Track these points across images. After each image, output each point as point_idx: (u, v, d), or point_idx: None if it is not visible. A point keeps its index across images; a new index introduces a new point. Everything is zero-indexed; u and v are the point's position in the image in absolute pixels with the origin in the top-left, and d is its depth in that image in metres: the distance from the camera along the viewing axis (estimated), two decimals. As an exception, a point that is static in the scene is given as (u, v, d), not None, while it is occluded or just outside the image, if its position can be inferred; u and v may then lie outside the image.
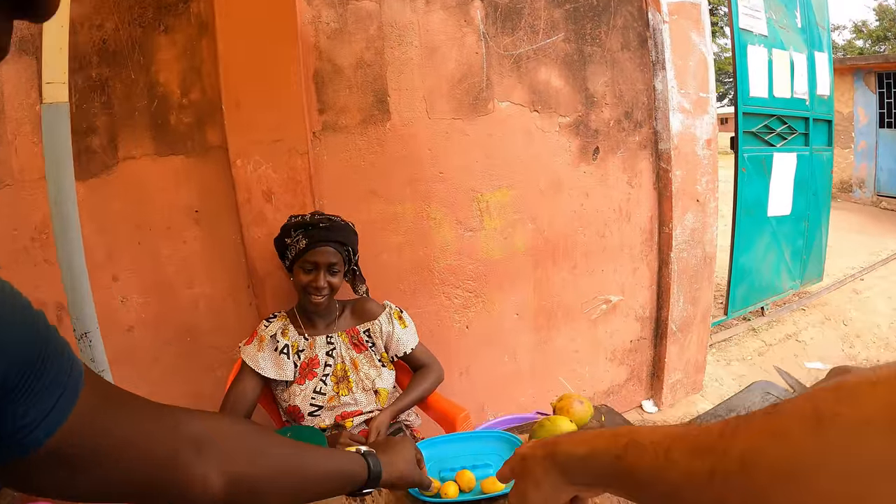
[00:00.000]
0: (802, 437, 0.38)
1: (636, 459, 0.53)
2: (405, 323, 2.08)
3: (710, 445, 0.45)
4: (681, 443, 0.49)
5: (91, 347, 1.36)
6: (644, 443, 0.53)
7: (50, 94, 1.24)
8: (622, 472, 0.56)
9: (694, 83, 3.07)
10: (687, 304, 3.28)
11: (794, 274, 4.87)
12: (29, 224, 2.16)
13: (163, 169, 2.23)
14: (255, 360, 1.86)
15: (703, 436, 0.47)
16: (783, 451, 0.39)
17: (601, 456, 0.60)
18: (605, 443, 0.60)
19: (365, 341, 2.02)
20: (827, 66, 5.02)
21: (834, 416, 0.37)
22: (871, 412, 0.35)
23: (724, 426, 0.45)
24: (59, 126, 1.25)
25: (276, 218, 2.22)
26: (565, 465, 0.66)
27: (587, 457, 0.62)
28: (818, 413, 0.38)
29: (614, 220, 2.99)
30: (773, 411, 0.42)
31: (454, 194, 2.57)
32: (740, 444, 0.42)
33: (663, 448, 0.50)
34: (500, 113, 2.60)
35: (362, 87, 2.36)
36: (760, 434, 0.41)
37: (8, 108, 2.08)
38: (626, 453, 0.55)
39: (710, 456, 0.44)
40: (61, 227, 1.29)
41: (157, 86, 2.17)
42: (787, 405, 0.41)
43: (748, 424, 0.43)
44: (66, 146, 1.27)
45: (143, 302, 2.32)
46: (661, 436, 0.52)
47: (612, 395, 3.28)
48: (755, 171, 4.17)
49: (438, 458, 1.46)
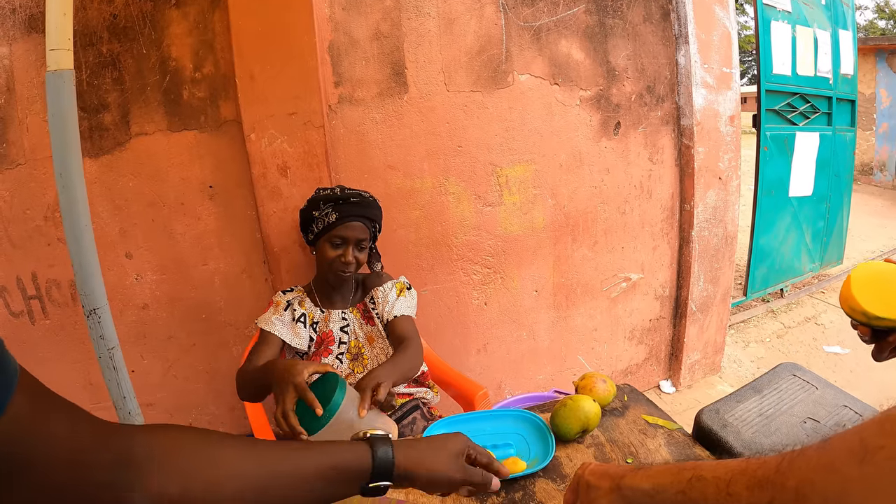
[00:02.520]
0: (850, 470, 0.41)
1: (700, 495, 0.57)
2: (406, 294, 1.99)
3: (768, 479, 0.49)
4: (741, 477, 0.52)
5: (100, 324, 1.34)
6: (707, 477, 0.57)
7: (54, 61, 1.20)
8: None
9: (717, 58, 3.00)
10: (707, 283, 3.24)
11: (814, 256, 4.80)
12: (41, 203, 2.17)
13: (176, 144, 2.21)
14: (271, 323, 1.81)
15: (762, 470, 0.50)
16: (833, 483, 0.42)
17: (666, 491, 0.63)
18: (671, 478, 0.63)
19: (371, 309, 1.97)
20: (851, 45, 4.90)
21: (879, 448, 0.39)
22: None
23: (781, 460, 0.49)
24: (64, 95, 1.22)
25: (292, 193, 2.21)
26: (630, 498, 0.70)
27: (653, 492, 0.66)
28: (864, 445, 0.40)
29: (635, 197, 2.94)
30: (824, 445, 0.45)
31: (473, 168, 2.53)
32: (795, 477, 0.46)
33: (725, 482, 0.53)
34: (520, 86, 2.55)
35: (379, 59, 2.32)
36: (813, 467, 0.45)
37: (18, 86, 2.07)
38: (691, 488, 0.59)
39: (770, 489, 0.48)
40: (67, 200, 1.26)
41: (169, 60, 2.14)
42: (836, 439, 0.44)
43: (802, 457, 0.47)
44: (72, 115, 1.24)
45: (157, 279, 2.32)
46: (724, 470, 0.55)
47: (630, 375, 3.26)
48: (777, 150, 4.09)
49: None
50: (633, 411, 1.51)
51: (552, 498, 1.18)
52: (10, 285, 2.22)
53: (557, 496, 1.18)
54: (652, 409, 1.51)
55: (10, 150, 2.11)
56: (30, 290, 2.24)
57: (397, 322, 1.89)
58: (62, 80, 1.22)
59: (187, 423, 2.55)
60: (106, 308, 1.36)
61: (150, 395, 2.46)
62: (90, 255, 1.31)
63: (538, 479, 1.24)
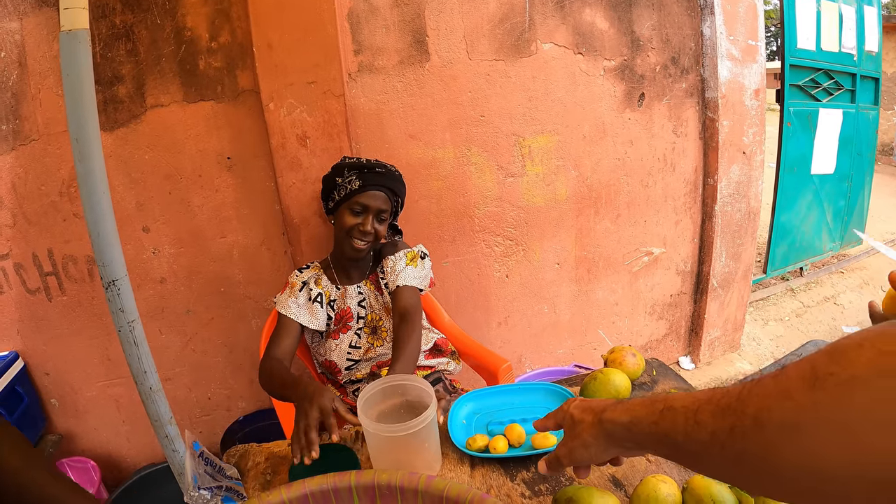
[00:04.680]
0: (802, 396, 0.44)
1: (670, 424, 0.61)
2: (417, 264, 1.91)
3: (730, 406, 0.52)
4: (707, 406, 0.56)
5: (119, 297, 1.29)
6: (677, 407, 0.61)
7: (68, 20, 1.15)
8: (659, 436, 0.64)
9: (743, 30, 2.93)
10: (729, 259, 3.19)
11: (834, 235, 4.73)
12: (56, 179, 2.16)
13: (192, 116, 2.19)
14: (287, 306, 1.79)
15: (725, 398, 0.53)
16: (787, 409, 0.46)
17: (642, 422, 0.68)
18: (645, 411, 0.68)
19: (381, 279, 1.93)
20: (876, 21, 4.80)
21: (828, 375, 0.43)
22: (858, 370, 0.41)
23: (742, 389, 0.52)
24: (80, 55, 1.17)
25: (312, 163, 2.18)
26: (611, 432, 0.75)
27: (630, 424, 0.70)
28: (815, 373, 0.44)
29: (658, 170, 2.89)
30: (780, 374, 0.48)
31: (495, 139, 2.49)
32: (754, 404, 0.49)
33: (692, 411, 0.58)
34: (544, 55, 2.50)
35: (400, 26, 2.28)
36: (769, 394, 0.48)
37: (30, 61, 2.05)
38: (663, 419, 0.63)
39: (731, 416, 0.52)
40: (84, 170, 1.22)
41: (184, 30, 2.11)
42: (791, 367, 0.47)
43: (760, 386, 0.50)
44: (88, 77, 1.19)
45: (174, 253, 2.31)
46: (691, 401, 0.59)
47: (649, 351, 3.23)
48: (800, 127, 4.02)
49: (486, 411, 1.42)
50: (661, 386, 1.48)
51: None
52: (27, 262, 2.22)
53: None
54: (680, 384, 1.49)
55: (24, 126, 2.09)
56: (46, 267, 2.23)
57: (399, 293, 1.82)
58: (77, 41, 1.17)
59: (206, 397, 2.55)
60: (125, 279, 1.32)
61: (168, 370, 2.45)
62: (108, 223, 1.26)
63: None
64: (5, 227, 2.17)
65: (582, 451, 0.80)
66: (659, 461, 1.16)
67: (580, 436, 0.80)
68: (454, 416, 1.37)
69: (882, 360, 0.40)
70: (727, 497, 0.95)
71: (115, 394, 2.45)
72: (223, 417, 2.58)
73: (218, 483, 1.11)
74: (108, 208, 1.25)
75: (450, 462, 1.24)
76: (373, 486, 0.90)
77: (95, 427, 2.50)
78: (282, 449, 1.34)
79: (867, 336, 0.42)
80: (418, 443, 1.15)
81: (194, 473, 1.06)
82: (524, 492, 1.13)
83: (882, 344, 0.40)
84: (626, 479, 1.13)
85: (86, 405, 2.45)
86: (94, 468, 2.40)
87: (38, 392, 2.39)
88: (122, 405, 2.47)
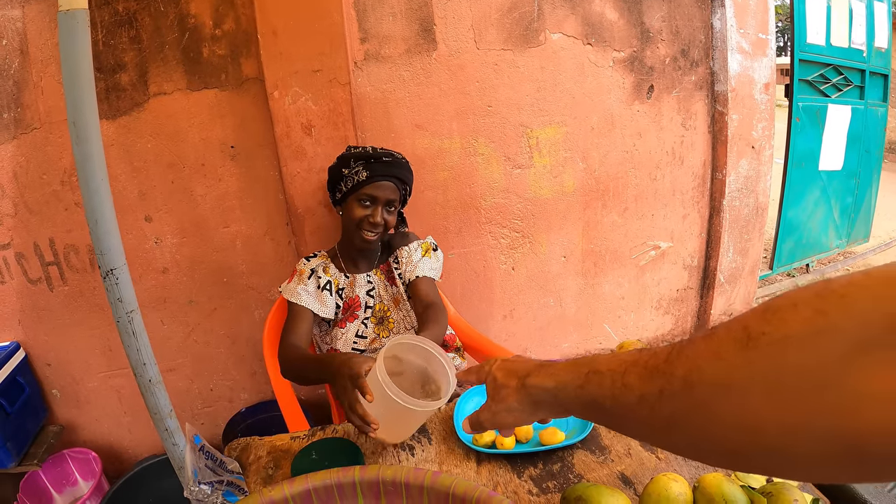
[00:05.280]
0: (734, 356, 0.43)
1: (597, 388, 0.60)
2: (431, 255, 1.92)
3: (658, 368, 0.51)
4: (634, 368, 0.55)
5: (118, 286, 1.26)
6: (603, 371, 0.59)
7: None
8: (586, 400, 0.63)
9: (753, 23, 2.89)
10: (736, 255, 3.17)
11: (841, 232, 4.70)
12: (58, 167, 2.14)
13: (196, 104, 2.16)
14: (297, 294, 1.77)
15: (653, 360, 0.52)
16: (719, 369, 0.44)
17: (567, 387, 0.67)
18: (570, 375, 0.67)
19: (394, 269, 1.91)
20: (886, 17, 4.76)
21: (760, 334, 0.41)
22: (792, 329, 0.39)
23: (671, 350, 0.50)
24: (78, 36, 1.12)
25: (317, 152, 2.15)
26: (536, 396, 0.74)
27: (555, 389, 0.69)
28: (747, 332, 0.42)
29: (667, 163, 2.86)
30: (710, 334, 0.47)
31: (503, 129, 2.46)
32: (683, 366, 0.48)
33: (619, 374, 0.56)
34: (552, 45, 2.46)
35: (407, 14, 2.25)
36: (700, 355, 0.47)
37: (32, 49, 2.03)
38: (588, 382, 0.62)
39: (660, 378, 0.50)
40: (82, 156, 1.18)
41: (187, 17, 2.08)
42: (721, 328, 0.46)
43: (690, 346, 0.49)
44: (87, 60, 1.15)
45: (177, 242, 2.29)
46: (618, 363, 0.58)
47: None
48: (809, 122, 3.98)
49: None
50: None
51: (591, 470, 1.14)
52: (28, 252, 2.20)
53: (597, 468, 1.15)
54: None
55: (26, 114, 2.07)
56: (48, 257, 2.22)
57: (419, 284, 1.83)
58: (75, 21, 1.13)
59: (208, 388, 2.53)
60: (124, 268, 1.28)
61: (170, 361, 2.44)
62: (107, 210, 1.22)
63: (577, 451, 1.21)
64: (6, 217, 2.15)
65: (506, 416, 0.80)
66: (669, 459, 1.14)
67: (505, 400, 0.79)
68: (461, 410, 1.35)
69: (818, 319, 0.38)
70: (739, 496, 0.93)
71: (116, 384, 2.44)
72: (225, 409, 2.57)
73: (219, 477, 1.09)
74: (107, 194, 1.22)
75: (456, 458, 1.22)
76: (377, 481, 0.88)
77: (97, 418, 2.49)
78: (284, 442, 1.32)
79: (803, 296, 0.41)
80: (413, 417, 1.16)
81: (195, 467, 1.04)
82: (531, 489, 1.11)
83: (819, 303, 0.39)
84: (636, 476, 1.11)
85: (87, 396, 2.44)
86: (95, 459, 2.38)
87: (39, 382, 2.37)
88: (124, 396, 2.46)
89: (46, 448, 2.25)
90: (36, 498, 2.29)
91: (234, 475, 1.15)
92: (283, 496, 0.85)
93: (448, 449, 1.24)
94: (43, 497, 2.33)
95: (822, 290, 0.40)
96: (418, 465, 1.20)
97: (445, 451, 1.24)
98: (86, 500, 2.19)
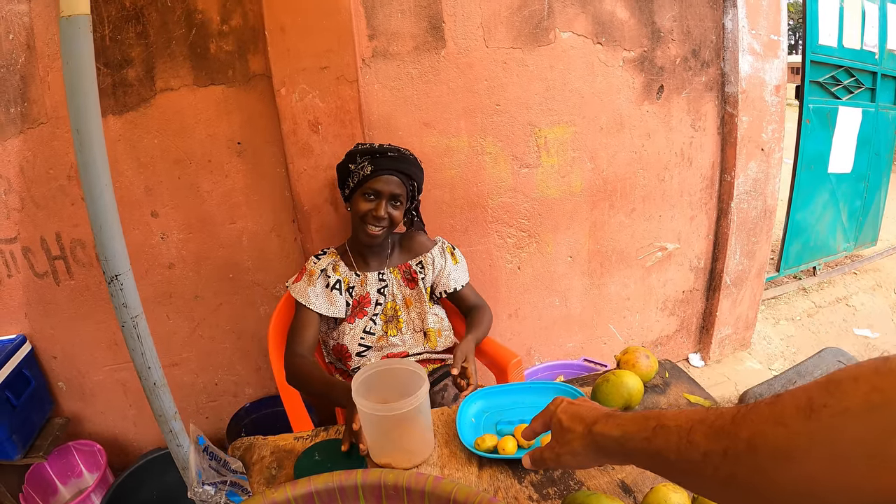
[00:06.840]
0: (797, 424, 0.46)
1: (663, 442, 0.62)
2: (457, 259, 2.00)
3: (724, 429, 0.53)
4: (700, 426, 0.57)
5: (122, 291, 1.24)
6: (670, 426, 0.62)
7: (68, 5, 1.07)
8: (651, 452, 0.65)
9: (765, 24, 2.86)
10: (743, 257, 3.15)
11: (848, 235, 4.67)
12: (65, 162, 2.14)
13: (203, 100, 2.16)
14: (305, 295, 1.79)
15: (719, 420, 0.55)
16: (782, 436, 0.47)
17: (633, 438, 0.68)
18: (637, 427, 0.68)
19: (417, 272, 1.93)
20: (899, 19, 4.72)
21: (823, 406, 0.44)
22: (852, 403, 0.43)
23: (737, 412, 0.53)
24: (80, 42, 1.09)
25: (324, 150, 2.15)
26: (601, 444, 0.75)
27: (622, 439, 0.71)
28: (811, 403, 0.45)
29: (675, 165, 2.84)
30: (776, 401, 0.50)
31: (511, 128, 2.45)
32: (748, 429, 0.51)
33: (686, 430, 0.59)
34: (562, 44, 2.45)
35: (415, 11, 2.23)
36: (764, 420, 0.49)
37: (39, 43, 2.03)
38: (655, 436, 0.64)
39: (725, 439, 0.53)
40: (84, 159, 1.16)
41: (194, 13, 2.07)
42: (787, 395, 0.49)
43: (755, 411, 0.51)
44: (89, 65, 1.12)
45: (183, 238, 2.30)
46: (685, 420, 0.60)
47: (660, 347, 3.19)
48: (819, 124, 3.95)
49: (495, 410, 1.41)
50: (674, 389, 1.46)
51: (592, 477, 1.14)
52: (35, 246, 2.21)
53: (598, 475, 1.15)
54: (693, 388, 1.47)
55: (32, 109, 2.08)
56: (54, 251, 2.23)
57: (465, 294, 2.00)
58: (77, 27, 1.09)
59: (213, 383, 2.55)
60: (129, 274, 1.26)
61: (175, 356, 2.45)
62: (111, 216, 1.19)
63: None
64: (13, 211, 2.16)
65: (570, 459, 0.82)
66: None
67: (569, 444, 0.81)
68: (463, 413, 1.35)
69: (875, 395, 0.42)
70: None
71: (121, 378, 2.45)
72: (230, 404, 2.58)
73: (223, 478, 1.09)
74: (111, 200, 1.20)
75: (457, 462, 1.22)
76: (379, 485, 0.88)
77: (102, 411, 2.50)
78: (287, 442, 1.32)
79: (863, 371, 0.44)
80: (409, 423, 1.17)
81: (198, 468, 1.05)
82: (532, 494, 1.11)
83: (877, 380, 0.42)
84: (636, 485, 1.11)
85: (93, 389, 2.45)
86: (100, 451, 2.40)
87: (45, 375, 2.38)
88: (129, 389, 2.47)
89: (52, 440, 2.26)
90: (41, 490, 2.30)
91: (237, 475, 1.15)
92: (286, 498, 0.85)
93: (450, 452, 1.25)
94: (48, 489, 2.35)
95: (880, 366, 0.43)
96: (420, 468, 1.21)
97: (447, 455, 1.24)
98: (91, 492, 2.21)
